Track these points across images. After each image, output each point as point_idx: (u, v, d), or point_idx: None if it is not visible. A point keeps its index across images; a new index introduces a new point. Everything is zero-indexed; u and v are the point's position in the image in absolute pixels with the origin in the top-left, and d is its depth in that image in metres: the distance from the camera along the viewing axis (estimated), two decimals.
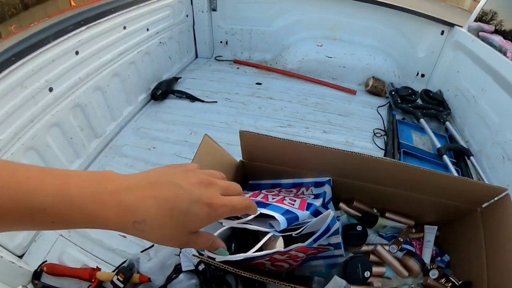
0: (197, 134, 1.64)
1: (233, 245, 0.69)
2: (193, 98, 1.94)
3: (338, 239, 0.75)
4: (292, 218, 0.68)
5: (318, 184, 0.91)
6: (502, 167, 1.40)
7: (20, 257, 1.12)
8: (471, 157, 1.54)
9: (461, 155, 1.57)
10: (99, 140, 1.54)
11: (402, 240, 0.91)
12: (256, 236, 0.70)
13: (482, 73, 1.66)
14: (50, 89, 1.24)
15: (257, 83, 2.18)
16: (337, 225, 0.70)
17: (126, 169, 1.44)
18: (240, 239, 0.72)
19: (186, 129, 1.69)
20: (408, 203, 0.92)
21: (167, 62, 2.11)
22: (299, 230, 0.68)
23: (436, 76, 2.13)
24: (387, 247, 0.88)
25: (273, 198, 0.79)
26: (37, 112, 1.19)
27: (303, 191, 0.90)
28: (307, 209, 0.75)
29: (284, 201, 0.78)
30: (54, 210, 0.29)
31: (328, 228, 0.68)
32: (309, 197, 0.87)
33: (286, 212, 0.70)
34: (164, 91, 1.90)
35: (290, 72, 2.29)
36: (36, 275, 1.04)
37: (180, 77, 2.14)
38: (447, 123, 1.76)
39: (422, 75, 2.19)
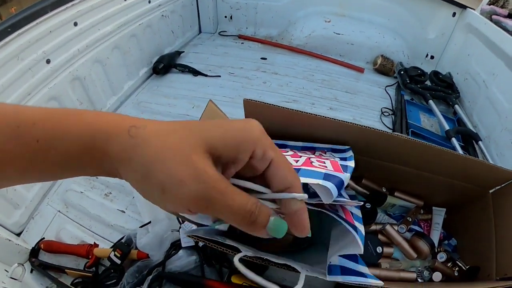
0: (199, 108, 1.60)
1: None
2: (195, 72, 1.89)
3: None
4: (338, 183, 0.51)
5: (336, 151, 0.78)
6: (510, 154, 1.37)
7: (18, 235, 1.11)
8: (480, 142, 1.51)
9: (469, 139, 1.54)
10: None
11: (410, 220, 0.88)
12: None
13: (494, 57, 1.60)
14: (48, 61, 1.20)
15: (262, 58, 2.12)
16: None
17: None
18: None
19: (188, 103, 1.65)
20: (418, 183, 0.89)
21: (169, 36, 2.05)
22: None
23: (446, 59, 2.07)
24: (396, 227, 0.85)
25: (296, 161, 0.62)
26: (34, 85, 1.15)
27: (321, 154, 0.74)
28: (344, 172, 0.59)
29: (312, 163, 0.60)
30: (45, 123, 0.24)
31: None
32: (335, 159, 0.71)
33: (327, 176, 0.52)
34: (166, 65, 1.85)
35: (296, 48, 2.22)
36: (34, 252, 1.03)
37: (183, 51, 2.08)
38: (456, 106, 1.72)
39: (432, 57, 2.13)
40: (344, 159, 0.71)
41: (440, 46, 2.09)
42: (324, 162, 0.62)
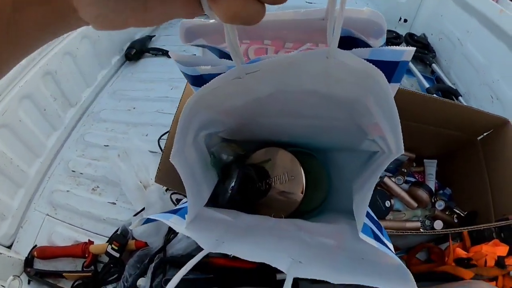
0: (178, 89, 1.55)
1: (232, 183, 0.53)
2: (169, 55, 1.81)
3: None
4: None
5: None
6: (490, 107, 1.40)
7: (9, 247, 1.07)
8: (460, 98, 1.54)
9: (449, 96, 1.56)
10: (75, 109, 1.45)
11: (405, 171, 0.89)
12: (264, 172, 0.58)
13: (467, 16, 1.61)
14: None
15: None
16: None
17: (107, 133, 1.37)
18: (244, 176, 0.56)
19: (166, 85, 1.60)
20: (409, 135, 0.88)
21: None
22: None
23: (419, 21, 2.07)
24: (393, 179, 0.86)
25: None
26: (4, 85, 1.09)
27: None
28: None
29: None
30: None
31: None
32: None
33: None
34: (138, 50, 1.77)
35: None
36: (28, 262, 1.00)
37: (154, 35, 2.00)
38: (434, 65, 1.74)
39: (405, 20, 2.13)
40: None
41: (412, 9, 2.08)
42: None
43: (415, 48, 0.38)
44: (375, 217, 0.46)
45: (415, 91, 0.74)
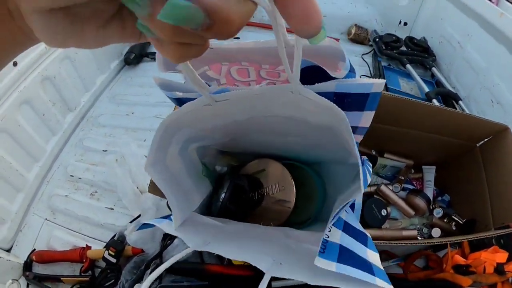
0: None
1: (222, 194, 0.54)
2: None
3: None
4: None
5: None
6: (491, 111, 1.40)
7: (8, 250, 1.07)
8: (460, 102, 1.53)
9: (449, 100, 1.55)
10: (74, 114, 1.44)
11: (403, 178, 0.88)
12: (258, 182, 0.59)
13: (467, 19, 1.61)
14: (14, 64, 1.12)
15: (235, 38, 2.05)
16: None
17: (105, 139, 1.36)
18: (235, 186, 0.56)
19: None
20: (406, 142, 0.89)
21: None
22: None
23: (419, 24, 2.07)
24: (390, 187, 0.85)
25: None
26: (3, 91, 1.09)
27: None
28: None
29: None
30: None
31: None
32: None
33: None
34: (137, 54, 1.76)
35: (267, 24, 2.14)
36: (27, 266, 1.00)
37: None
38: (433, 69, 1.73)
39: (405, 23, 2.13)
40: None
41: (412, 12, 2.08)
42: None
43: (384, 81, 0.37)
44: (356, 227, 0.45)
45: (412, 99, 0.74)
